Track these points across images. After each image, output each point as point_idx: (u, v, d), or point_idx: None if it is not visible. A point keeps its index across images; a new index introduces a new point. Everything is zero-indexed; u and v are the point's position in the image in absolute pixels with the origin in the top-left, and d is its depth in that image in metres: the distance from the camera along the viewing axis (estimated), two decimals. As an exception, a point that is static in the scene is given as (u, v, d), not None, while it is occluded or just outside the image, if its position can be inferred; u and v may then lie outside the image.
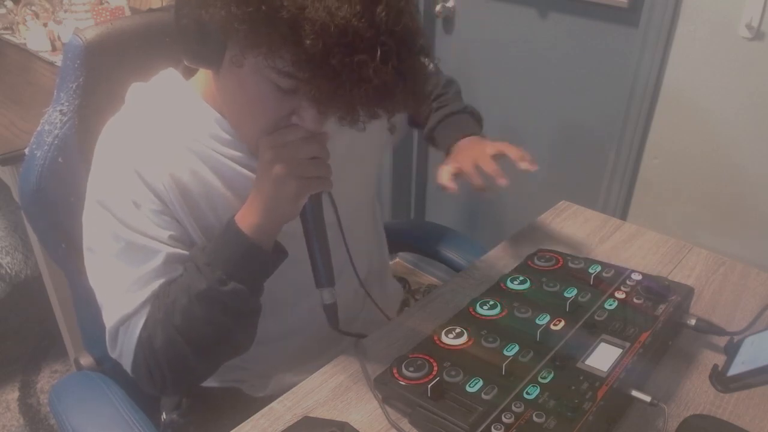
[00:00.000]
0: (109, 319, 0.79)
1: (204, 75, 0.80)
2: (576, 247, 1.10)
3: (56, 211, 0.90)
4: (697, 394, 0.80)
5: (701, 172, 1.44)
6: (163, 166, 0.76)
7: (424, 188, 2.32)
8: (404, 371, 0.76)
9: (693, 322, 0.87)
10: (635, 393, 0.73)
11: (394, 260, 2.46)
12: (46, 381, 1.95)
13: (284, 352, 0.97)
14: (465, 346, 0.81)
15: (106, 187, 0.76)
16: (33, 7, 2.08)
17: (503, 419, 0.68)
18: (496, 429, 0.67)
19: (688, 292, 0.91)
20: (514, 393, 0.72)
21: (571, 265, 0.97)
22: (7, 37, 2.13)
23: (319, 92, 0.62)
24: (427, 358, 0.78)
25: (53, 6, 2.11)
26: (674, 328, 0.88)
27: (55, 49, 1.99)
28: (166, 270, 0.77)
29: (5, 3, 2.20)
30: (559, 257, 0.99)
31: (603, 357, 0.77)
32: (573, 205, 1.25)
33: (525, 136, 1.87)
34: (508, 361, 0.76)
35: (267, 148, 0.71)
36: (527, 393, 0.72)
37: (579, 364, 0.76)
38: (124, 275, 0.77)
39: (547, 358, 0.77)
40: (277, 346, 0.95)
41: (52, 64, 1.90)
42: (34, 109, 1.55)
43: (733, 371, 0.80)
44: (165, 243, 0.76)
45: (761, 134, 1.32)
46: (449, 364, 0.77)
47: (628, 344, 0.79)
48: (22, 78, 1.86)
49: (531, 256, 1.01)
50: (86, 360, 1.02)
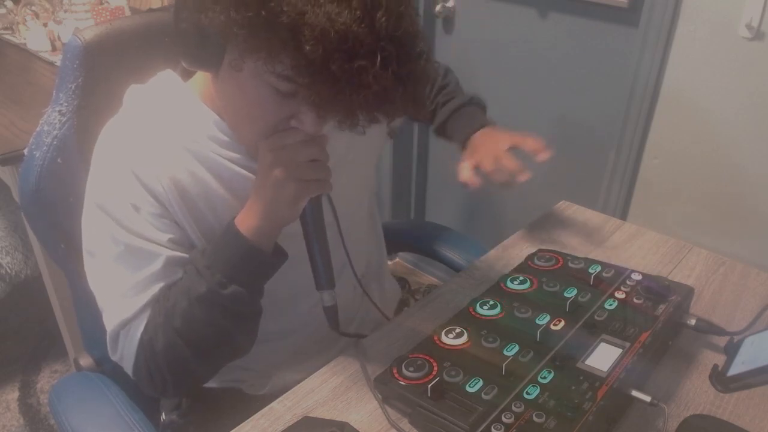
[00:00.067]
0: (110, 323, 0.79)
1: (202, 77, 0.80)
2: (576, 247, 1.10)
3: (55, 211, 0.90)
4: (697, 394, 0.80)
5: (701, 172, 1.44)
6: (162, 168, 0.76)
7: (424, 188, 2.32)
8: (404, 371, 0.76)
9: (693, 322, 0.86)
10: (635, 393, 0.73)
11: (394, 260, 2.46)
12: (46, 381, 1.95)
13: (284, 352, 0.97)
14: (465, 346, 0.81)
15: (105, 190, 0.76)
16: (33, 7, 2.08)
17: (503, 419, 0.68)
18: (496, 429, 0.67)
19: (688, 292, 0.91)
20: (514, 393, 0.72)
21: (571, 265, 0.97)
22: (7, 37, 2.13)
23: (319, 97, 0.62)
24: (427, 358, 0.78)
25: (53, 6, 2.11)
26: (674, 328, 0.87)
27: (55, 49, 1.99)
28: (166, 273, 0.76)
29: (5, 3, 2.20)
30: (559, 257, 0.99)
31: (603, 357, 0.77)
32: (573, 205, 1.24)
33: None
34: (508, 361, 0.76)
35: (266, 151, 0.71)
36: (527, 393, 0.72)
37: (579, 364, 0.76)
38: (123, 279, 0.76)
39: (547, 358, 0.77)
40: (277, 345, 0.95)
41: (52, 64, 1.90)
42: (34, 109, 1.55)
43: (733, 371, 0.80)
44: (165, 246, 0.76)
45: (761, 134, 1.31)
46: (449, 364, 0.77)
47: (628, 344, 0.79)
48: (22, 78, 1.86)
49: (531, 256, 1.01)
50: (86, 361, 1.02)
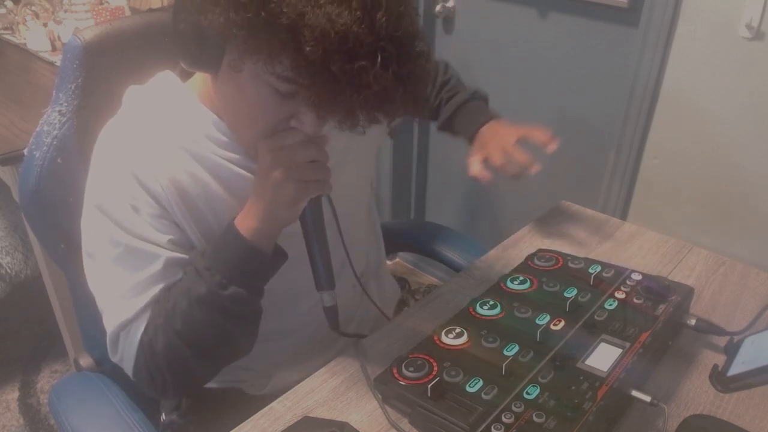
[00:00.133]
0: (110, 324, 0.78)
1: (201, 77, 0.79)
2: (576, 247, 1.10)
3: (55, 211, 0.90)
4: (697, 394, 0.80)
5: (701, 172, 1.44)
6: (161, 168, 0.76)
7: (424, 188, 2.32)
8: (404, 371, 0.76)
9: (693, 322, 0.86)
10: (635, 393, 0.73)
11: (394, 260, 2.46)
12: (46, 381, 1.95)
13: (284, 352, 0.97)
14: (465, 346, 0.81)
15: (104, 191, 0.76)
16: (33, 7, 2.08)
17: (503, 419, 0.68)
18: (496, 429, 0.67)
19: (688, 292, 0.91)
20: (514, 393, 0.72)
21: (571, 265, 0.97)
22: (7, 37, 2.13)
23: (319, 98, 0.61)
24: (427, 358, 0.78)
25: (53, 6, 2.11)
26: (674, 328, 0.87)
27: (55, 49, 1.99)
28: (166, 275, 0.76)
29: (5, 3, 2.20)
30: (559, 257, 0.99)
31: (603, 357, 0.77)
32: (573, 205, 1.24)
33: (525, 136, 1.87)
34: (508, 361, 0.76)
35: (266, 152, 0.71)
36: (527, 393, 0.72)
37: (579, 364, 0.76)
38: (123, 280, 0.76)
39: (547, 358, 0.77)
40: (277, 345, 0.95)
41: (52, 64, 1.90)
42: (34, 109, 1.55)
43: (733, 371, 0.80)
44: (164, 247, 0.76)
45: (761, 134, 1.31)
46: (449, 364, 0.77)
47: (628, 344, 0.79)
48: (22, 78, 1.86)
49: (531, 256, 1.01)
50: (86, 361, 1.02)
